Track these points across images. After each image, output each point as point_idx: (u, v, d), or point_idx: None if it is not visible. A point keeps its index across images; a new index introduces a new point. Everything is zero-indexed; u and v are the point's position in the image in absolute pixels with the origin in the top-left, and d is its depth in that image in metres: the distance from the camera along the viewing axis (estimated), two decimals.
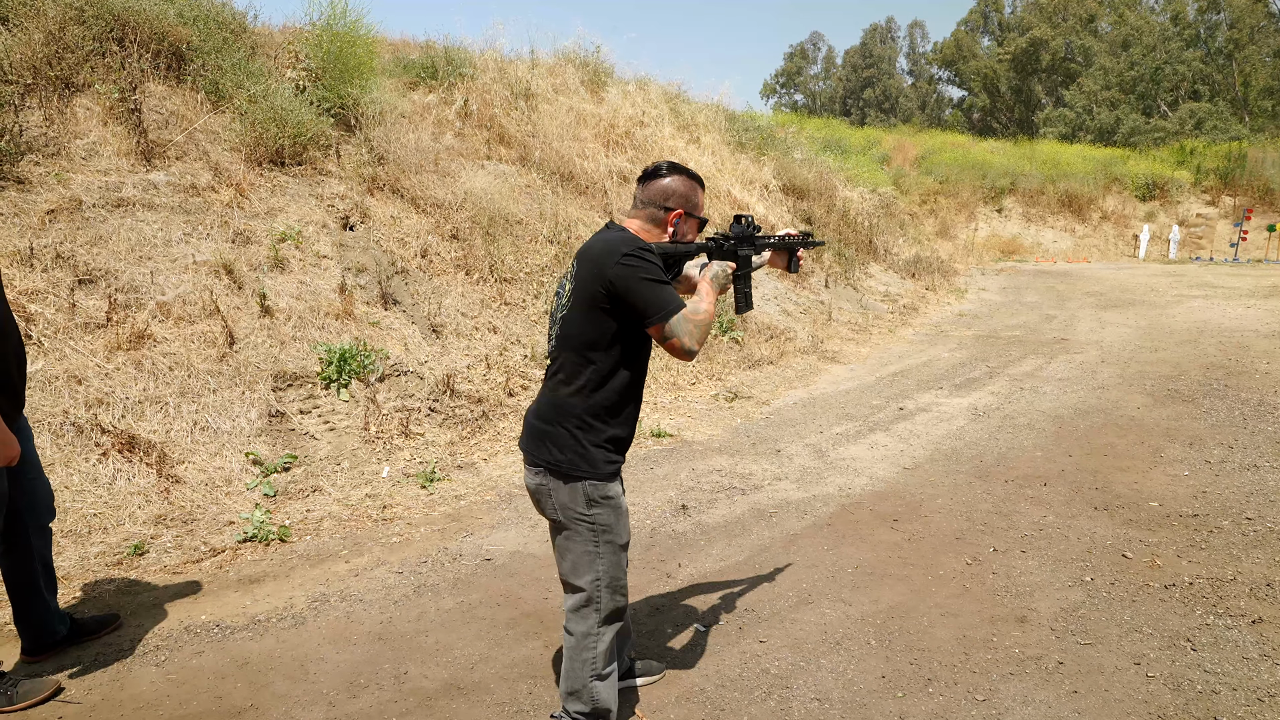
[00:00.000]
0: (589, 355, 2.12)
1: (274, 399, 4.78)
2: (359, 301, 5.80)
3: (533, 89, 10.43)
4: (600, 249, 2.10)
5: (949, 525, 3.97)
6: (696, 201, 2.25)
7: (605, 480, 2.17)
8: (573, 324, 2.13)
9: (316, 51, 7.57)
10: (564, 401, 2.14)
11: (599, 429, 2.15)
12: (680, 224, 2.23)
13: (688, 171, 2.24)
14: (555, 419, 2.15)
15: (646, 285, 2.03)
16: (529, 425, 2.25)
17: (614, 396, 2.15)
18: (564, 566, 2.23)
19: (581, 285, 2.11)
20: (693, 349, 2.06)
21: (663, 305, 2.03)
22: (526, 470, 2.25)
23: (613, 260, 2.04)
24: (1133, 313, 10.98)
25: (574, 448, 2.13)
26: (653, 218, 2.22)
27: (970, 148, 26.63)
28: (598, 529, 2.17)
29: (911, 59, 58.30)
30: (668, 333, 2.03)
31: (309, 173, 6.82)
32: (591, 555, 2.18)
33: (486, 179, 8.32)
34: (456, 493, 4.47)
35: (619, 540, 2.21)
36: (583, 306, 2.11)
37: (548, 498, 2.18)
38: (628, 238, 2.11)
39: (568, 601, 2.25)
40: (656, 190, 2.21)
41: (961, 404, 6.33)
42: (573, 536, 2.18)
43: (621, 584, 2.24)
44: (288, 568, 3.54)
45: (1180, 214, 22.29)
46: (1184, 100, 37.45)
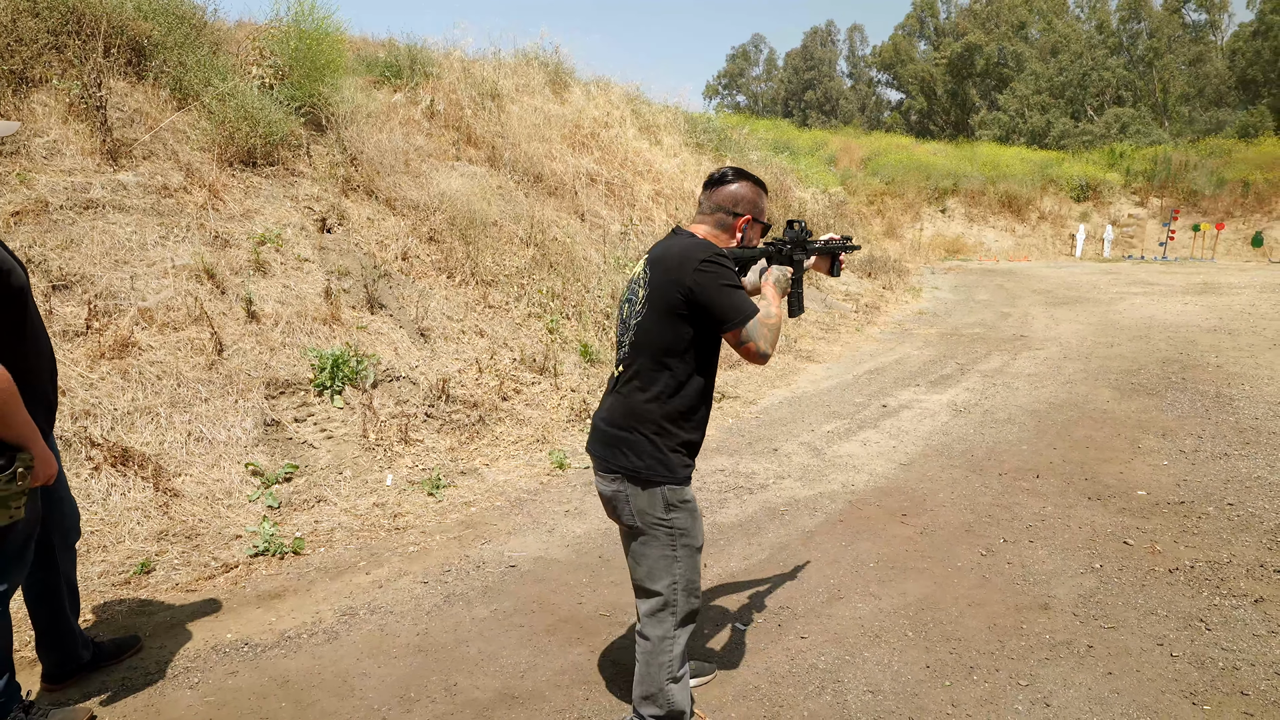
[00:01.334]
0: (665, 361, 2.13)
1: (268, 407, 4.64)
2: (345, 306, 5.67)
3: (499, 90, 10.34)
4: (677, 255, 2.11)
5: (956, 518, 4.09)
6: (762, 207, 2.28)
7: (682, 484, 2.18)
8: (648, 330, 2.14)
9: (284, 49, 7.37)
10: (640, 408, 2.15)
11: (675, 434, 2.16)
12: (748, 229, 2.26)
13: (753, 177, 2.27)
14: (631, 425, 2.15)
15: (725, 291, 2.05)
16: (600, 432, 2.24)
17: (690, 401, 2.17)
18: (639, 571, 2.23)
19: (657, 291, 2.11)
20: (767, 352, 2.09)
21: (740, 310, 2.06)
22: (600, 477, 2.24)
23: (691, 266, 2.06)
24: (1081, 309, 11.45)
25: (652, 454, 2.13)
26: (721, 223, 2.24)
27: (914, 149, 27.37)
28: (675, 533, 2.18)
29: (851, 62, 59.56)
30: (744, 337, 2.06)
31: (282, 173, 6.64)
32: (669, 559, 2.19)
33: (459, 180, 8.21)
34: (465, 499, 4.41)
35: (695, 543, 2.23)
36: (659, 313, 2.11)
37: (625, 504, 2.18)
38: (703, 244, 2.13)
39: (642, 606, 2.25)
40: (725, 196, 2.23)
41: (941, 400, 6.52)
42: (649, 542, 2.19)
43: (697, 586, 2.26)
44: (307, 581, 3.45)
45: (1112, 214, 23.31)
46: (1109, 105, 39.16)
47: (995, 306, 12.24)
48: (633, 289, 2.22)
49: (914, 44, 51.21)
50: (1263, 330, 9.08)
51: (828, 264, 2.64)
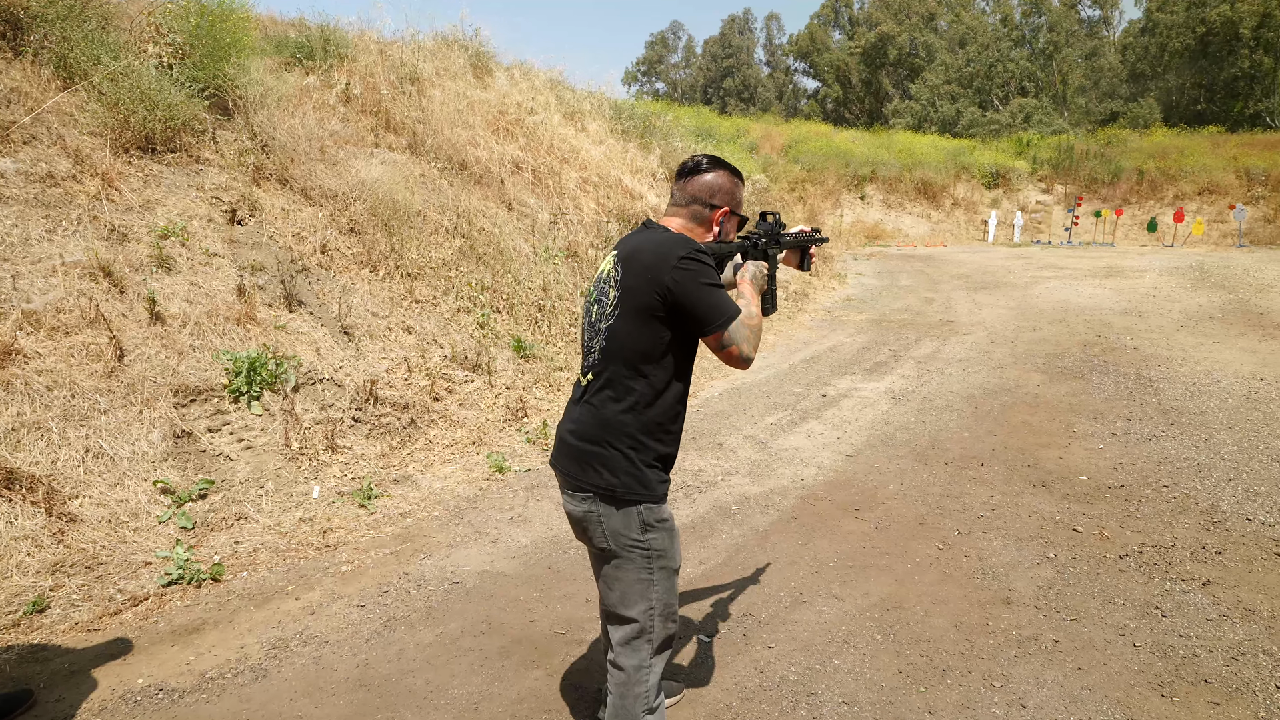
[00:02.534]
0: (641, 368, 1.95)
1: (177, 417, 4.25)
2: (260, 304, 5.26)
3: (419, 73, 9.89)
4: (653, 251, 1.93)
5: (909, 511, 4.06)
6: (740, 198, 2.12)
7: (659, 502, 2.01)
8: (621, 334, 1.95)
9: (183, 25, 6.80)
10: (614, 419, 1.96)
11: (651, 447, 1.98)
12: (725, 223, 2.10)
13: (730, 166, 2.10)
14: (604, 439, 1.97)
15: (706, 290, 1.89)
16: (568, 446, 2.04)
17: (668, 411, 1.99)
18: (611, 597, 2.05)
19: (632, 291, 1.93)
20: (750, 356, 1.94)
21: (723, 312, 1.89)
22: (568, 495, 2.05)
23: (669, 263, 1.88)
24: (1000, 294, 11.80)
25: (628, 470, 1.95)
26: (696, 216, 2.07)
27: (833, 137, 27.81)
28: (652, 554, 2.01)
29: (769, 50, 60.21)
30: (726, 340, 1.90)
31: (185, 160, 6.13)
32: (645, 583, 2.02)
33: (379, 168, 7.79)
34: (400, 510, 4.14)
35: (673, 565, 2.06)
36: (633, 315, 1.93)
37: (597, 525, 2.00)
38: (680, 238, 1.95)
39: (615, 634, 2.07)
40: (701, 186, 2.06)
41: (879, 388, 6.55)
42: (624, 565, 2.01)
43: (674, 611, 2.09)
44: (229, 611, 3.14)
45: (1021, 200, 24.25)
46: (1014, 95, 40.74)
47: (919, 292, 12.50)
48: (601, 288, 2.02)
49: (829, 33, 52.13)
50: (1168, 312, 9.51)
51: (798, 257, 2.51)
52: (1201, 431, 5.09)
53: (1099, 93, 43.13)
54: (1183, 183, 22.54)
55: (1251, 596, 3.13)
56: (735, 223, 2.15)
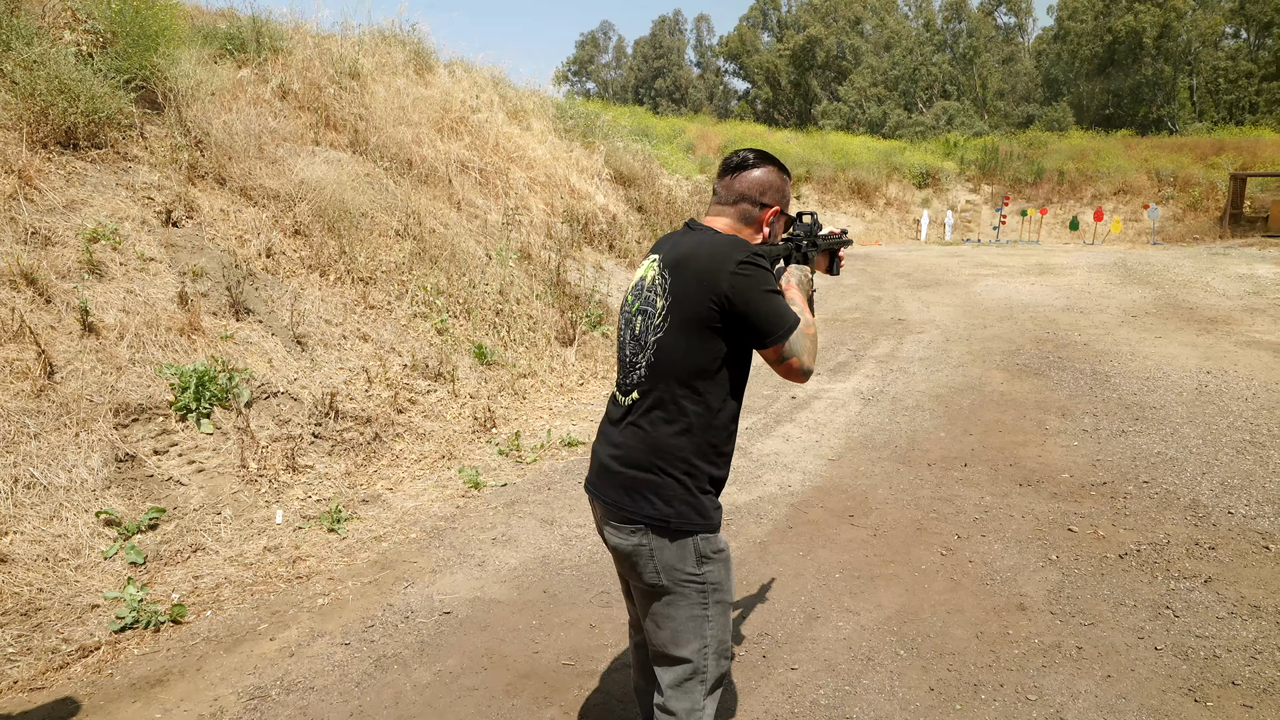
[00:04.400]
0: (696, 385, 1.77)
1: (119, 439, 3.86)
2: (205, 312, 4.87)
3: (359, 68, 9.47)
4: (708, 256, 1.75)
5: (904, 516, 3.99)
6: (789, 196, 1.96)
7: (715, 531, 1.84)
8: (673, 349, 1.76)
9: (105, 12, 6.29)
10: (667, 442, 1.78)
11: (705, 471, 1.80)
12: (775, 223, 1.94)
13: (778, 161, 1.94)
14: (656, 465, 1.78)
15: (767, 298, 1.72)
16: (612, 473, 1.84)
17: (722, 431, 1.82)
18: (661, 636, 1.86)
19: (683, 300, 1.75)
20: (811, 369, 1.80)
21: (785, 321, 1.73)
22: (613, 528, 1.85)
23: (728, 269, 1.71)
24: (944, 292, 12.04)
25: (684, 498, 1.77)
26: (745, 216, 1.90)
27: (767, 137, 28.12)
28: (708, 588, 1.83)
29: (699, 51, 60.61)
30: (787, 352, 1.74)
31: (112, 157, 5.65)
32: (699, 620, 1.84)
33: (322, 167, 7.38)
34: (374, 533, 3.85)
35: (729, 598, 1.88)
36: (687, 326, 1.75)
37: (648, 560, 1.80)
38: (735, 241, 1.78)
39: (665, 676, 1.89)
40: (750, 184, 1.89)
41: (846, 388, 6.53)
42: (677, 601, 1.83)
43: (729, 647, 1.92)
44: (195, 658, 2.82)
45: (951, 200, 24.96)
46: (938, 98, 42.03)
47: (864, 290, 12.65)
48: (646, 298, 1.83)
49: (758, 35, 52.78)
50: (1106, 308, 9.84)
51: (827, 261, 2.37)
52: (1166, 426, 5.21)
53: (1016, 97, 44.89)
54: (1100, 183, 23.58)
55: (1253, 593, 3.15)
56: (784, 223, 2.00)
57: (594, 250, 11.14)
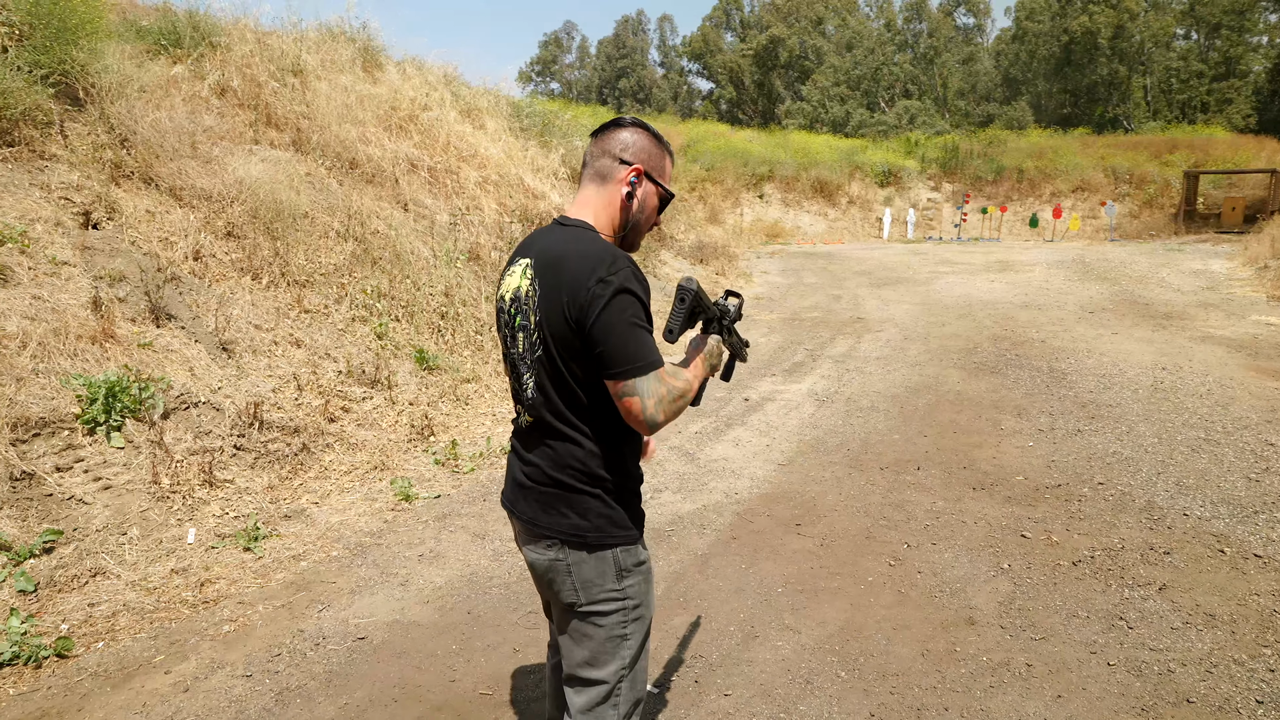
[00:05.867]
0: (589, 401, 1.59)
1: (15, 455, 3.57)
2: (121, 318, 4.58)
3: (302, 65, 9.14)
4: (574, 268, 1.53)
5: (853, 524, 3.85)
6: (661, 166, 1.72)
7: (635, 542, 1.68)
8: (554, 367, 1.59)
9: (19, 4, 5.94)
10: (573, 459, 1.61)
11: (619, 480, 1.65)
12: (638, 185, 1.68)
13: (657, 133, 1.73)
14: (567, 481, 1.62)
15: (625, 327, 1.50)
16: (526, 489, 1.68)
17: (633, 440, 1.69)
18: (577, 656, 1.70)
19: (550, 316, 1.56)
20: (656, 420, 1.53)
21: (638, 358, 1.50)
22: (529, 547, 1.70)
23: (588, 284, 1.50)
24: (904, 290, 12.00)
25: (599, 510, 1.62)
26: (603, 172, 1.67)
27: (730, 137, 28.08)
28: (628, 606, 1.67)
29: (663, 51, 60.59)
30: (629, 390, 1.51)
31: (26, 155, 5.32)
32: (618, 640, 1.68)
33: (260, 167, 7.09)
34: (292, 551, 3.61)
35: (648, 614, 1.74)
36: (560, 343, 1.56)
37: (565, 576, 1.65)
38: (607, 250, 1.55)
39: (577, 699, 1.71)
40: (614, 141, 1.68)
41: (801, 390, 6.39)
42: (596, 620, 1.66)
43: (644, 672, 1.77)
44: (78, 696, 2.58)
45: (913, 198, 25.10)
46: (899, 98, 42.39)
47: (825, 289, 12.58)
48: (521, 310, 1.62)
49: (721, 35, 52.88)
50: (1064, 304, 9.85)
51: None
52: (1121, 424, 5.14)
53: (976, 96, 45.42)
54: (1058, 181, 23.84)
55: (1208, 600, 3.05)
56: (656, 197, 1.74)
57: None
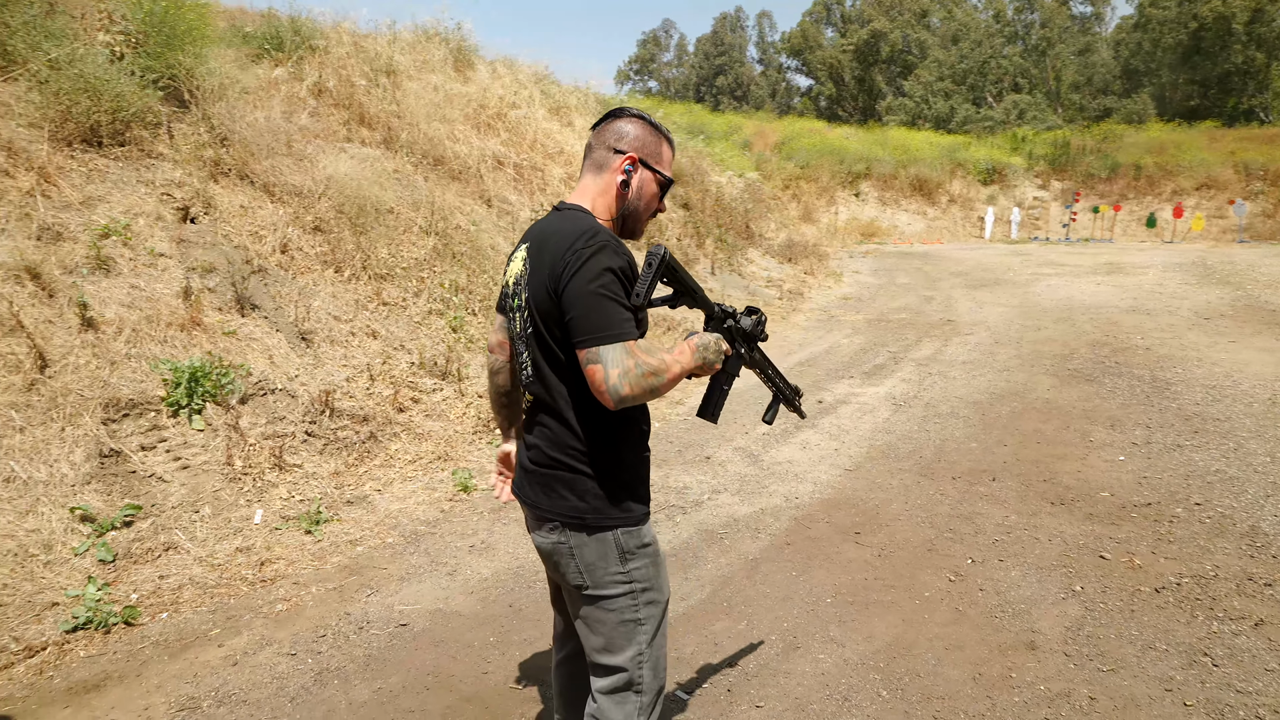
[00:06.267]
0: (576, 386, 1.58)
1: (105, 434, 3.83)
2: (209, 308, 4.85)
3: (395, 65, 9.47)
4: (554, 244, 1.56)
5: (915, 535, 3.67)
6: (659, 153, 1.70)
7: (639, 524, 1.66)
8: (545, 345, 1.61)
9: (136, 12, 6.38)
10: (571, 438, 1.61)
11: (619, 461, 1.64)
12: (634, 173, 1.67)
13: (651, 118, 1.71)
14: (565, 461, 1.62)
15: (593, 297, 1.48)
16: (529, 472, 1.70)
17: (632, 422, 1.66)
18: (593, 642, 1.69)
19: (536, 293, 1.60)
20: (618, 390, 1.46)
21: (604, 328, 1.47)
22: (535, 532, 1.71)
23: (565, 253, 1.52)
24: (1001, 292, 11.43)
25: (598, 491, 1.61)
26: (599, 163, 1.67)
27: (826, 134, 27.46)
28: (636, 588, 1.65)
29: (761, 48, 59.88)
30: (591, 358, 1.47)
31: (135, 155, 5.70)
32: (631, 625, 1.66)
33: (349, 163, 7.37)
34: (350, 536, 3.73)
35: (662, 598, 1.71)
36: (547, 320, 1.59)
37: (569, 559, 1.64)
38: (589, 225, 1.56)
39: (598, 683, 1.70)
40: (610, 132, 1.68)
41: (878, 393, 6.16)
42: (606, 605, 1.65)
43: (664, 657, 1.74)
44: (139, 663, 2.73)
45: (1018, 197, 23.90)
46: (1008, 92, 40.44)
47: (917, 290, 12.13)
48: (517, 292, 1.68)
49: (821, 31, 51.80)
50: (1177, 310, 9.15)
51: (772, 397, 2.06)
52: (1229, 440, 4.71)
53: (1093, 89, 42.86)
54: (1180, 178, 22.21)
55: None
56: (653, 186, 1.71)
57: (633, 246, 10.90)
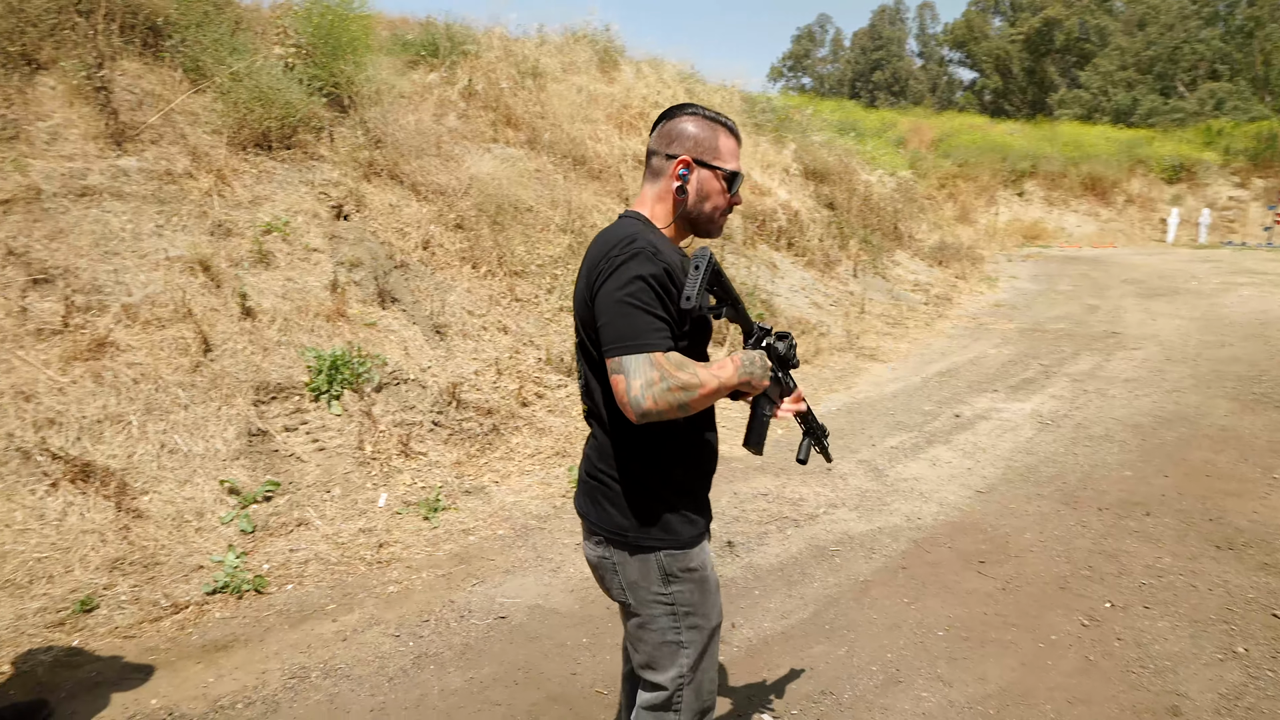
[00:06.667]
0: None
1: (255, 414, 4.18)
2: (353, 300, 5.18)
3: (540, 67, 9.78)
4: (597, 248, 1.52)
5: (1047, 569, 3.35)
6: (716, 148, 1.56)
7: (685, 548, 1.58)
8: (588, 353, 1.59)
9: (306, 26, 6.94)
10: (614, 449, 1.57)
11: (665, 478, 1.57)
12: (689, 176, 1.55)
13: (706, 111, 1.59)
14: (609, 473, 1.58)
15: (621, 306, 1.41)
16: (582, 483, 1.69)
17: (678, 437, 1.57)
18: (637, 657, 1.66)
19: (578, 300, 1.58)
20: (641, 404, 1.38)
21: (627, 335, 1.40)
22: (586, 543, 1.69)
23: (598, 262, 1.47)
24: (1181, 302, 10.31)
25: (641, 509, 1.56)
26: (655, 171, 1.59)
27: (989, 130, 25.87)
28: (678, 612, 1.59)
29: (921, 40, 57.25)
30: (616, 368, 1.41)
31: (299, 157, 6.20)
32: (673, 646, 1.61)
33: (493, 163, 7.69)
34: (464, 525, 3.87)
35: (708, 624, 1.63)
36: (585, 324, 1.56)
37: (612, 575, 1.62)
38: (629, 231, 1.49)
39: (642, 697, 1.68)
40: (660, 136, 1.59)
41: (1023, 409, 5.71)
42: (648, 624, 1.61)
43: (710, 681, 1.67)
44: (263, 629, 2.95)
45: (1209, 197, 21.52)
46: (1203, 80, 36.47)
47: (1081, 298, 11.16)
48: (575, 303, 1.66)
49: (988, 20, 48.78)
50: None
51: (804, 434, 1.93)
52: None
53: None
54: None
55: None
56: (715, 184, 1.57)
57: (770, 247, 10.72)
